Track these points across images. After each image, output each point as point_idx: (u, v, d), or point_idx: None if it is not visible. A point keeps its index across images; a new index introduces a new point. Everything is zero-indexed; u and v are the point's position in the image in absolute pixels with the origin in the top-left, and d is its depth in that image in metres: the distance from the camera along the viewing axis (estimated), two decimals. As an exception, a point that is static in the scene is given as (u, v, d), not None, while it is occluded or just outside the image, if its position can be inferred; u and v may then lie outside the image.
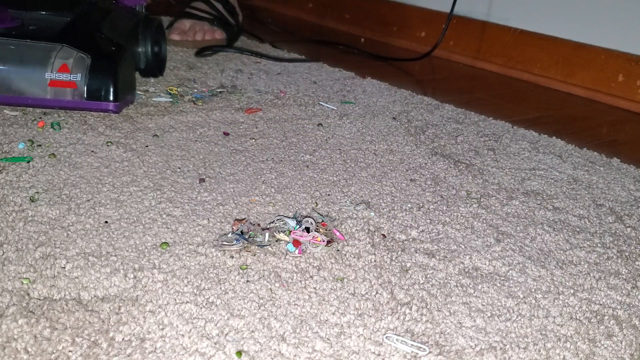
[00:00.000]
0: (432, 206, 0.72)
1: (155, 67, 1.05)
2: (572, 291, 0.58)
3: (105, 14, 0.97)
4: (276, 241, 0.60)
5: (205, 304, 0.50)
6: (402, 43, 1.60)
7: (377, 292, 0.54)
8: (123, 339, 0.46)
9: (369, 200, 0.72)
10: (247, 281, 0.54)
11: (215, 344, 0.46)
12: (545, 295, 0.57)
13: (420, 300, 0.54)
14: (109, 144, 0.79)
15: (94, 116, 0.87)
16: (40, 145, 0.76)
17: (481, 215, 0.71)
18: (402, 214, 0.69)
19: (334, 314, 0.51)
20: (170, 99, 0.96)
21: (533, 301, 0.56)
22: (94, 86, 0.84)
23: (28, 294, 0.50)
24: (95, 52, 0.85)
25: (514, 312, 0.54)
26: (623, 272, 0.62)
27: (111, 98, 0.85)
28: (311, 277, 0.56)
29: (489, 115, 1.06)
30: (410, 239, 0.64)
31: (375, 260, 0.59)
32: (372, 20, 1.67)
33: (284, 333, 0.48)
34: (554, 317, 0.54)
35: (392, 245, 0.62)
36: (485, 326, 0.51)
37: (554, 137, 0.98)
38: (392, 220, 0.67)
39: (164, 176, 0.72)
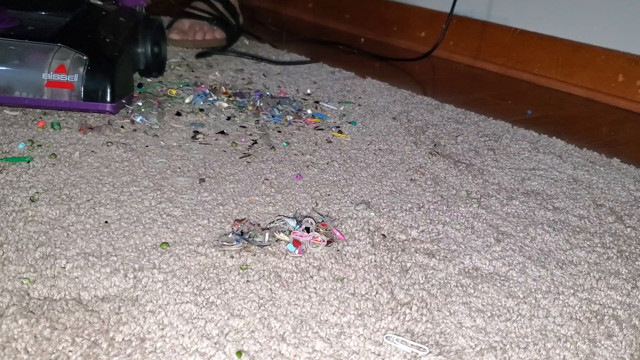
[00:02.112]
0: (432, 206, 0.72)
1: (155, 68, 1.05)
2: (572, 291, 0.58)
3: (104, 15, 0.97)
4: (276, 241, 0.60)
5: (205, 304, 0.50)
6: (402, 43, 1.60)
7: (377, 292, 0.54)
8: (123, 339, 0.46)
9: (369, 200, 0.72)
10: (247, 281, 0.54)
11: (215, 344, 0.46)
12: (545, 295, 0.57)
13: (420, 300, 0.54)
14: (109, 144, 0.79)
15: (94, 116, 0.87)
16: (40, 145, 0.76)
17: (481, 215, 0.71)
18: (402, 214, 0.69)
19: (334, 314, 0.51)
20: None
21: (533, 301, 0.56)
22: (91, 87, 0.84)
23: (28, 294, 0.50)
24: (92, 52, 0.85)
25: (514, 312, 0.54)
26: (623, 272, 0.62)
27: (108, 99, 0.85)
28: (311, 277, 0.56)
29: (489, 115, 1.06)
30: (410, 239, 0.64)
31: (375, 260, 0.59)
32: (372, 20, 1.67)
33: (284, 333, 0.48)
34: (554, 317, 0.54)
35: (392, 245, 0.62)
36: (485, 326, 0.51)
37: (554, 137, 0.98)
38: (392, 220, 0.67)
39: (164, 176, 0.72)
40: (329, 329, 0.49)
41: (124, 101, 0.89)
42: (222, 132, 0.87)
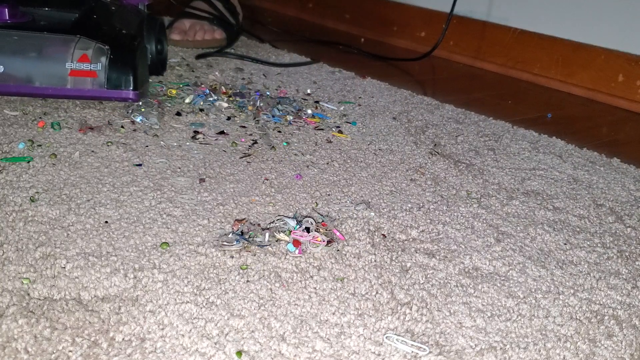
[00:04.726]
0: (432, 206, 0.72)
1: (159, 66, 1.05)
2: (572, 291, 0.58)
3: (113, 11, 0.98)
4: (276, 241, 0.60)
5: (205, 304, 0.50)
6: (402, 43, 1.60)
7: (377, 292, 0.54)
8: (123, 339, 0.46)
9: (369, 200, 0.72)
10: (247, 281, 0.54)
11: (215, 344, 0.46)
12: (545, 295, 0.57)
13: (420, 300, 0.54)
14: (109, 144, 0.79)
15: (94, 116, 0.87)
16: (40, 145, 0.76)
17: (481, 215, 0.71)
18: (402, 214, 0.69)
19: (334, 314, 0.51)
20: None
21: (533, 301, 0.56)
22: (115, 75, 0.86)
23: (28, 294, 0.50)
24: (113, 42, 0.87)
25: (514, 312, 0.54)
26: (623, 272, 0.62)
27: (131, 87, 0.87)
28: (311, 277, 0.56)
29: (489, 115, 1.06)
30: (410, 239, 0.64)
31: (375, 260, 0.59)
32: (372, 20, 1.67)
33: (284, 333, 0.48)
34: (554, 317, 0.54)
35: (392, 245, 0.62)
36: (485, 326, 0.51)
37: (554, 137, 0.98)
38: (392, 220, 0.67)
39: (164, 176, 0.72)
40: (329, 329, 0.49)
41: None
42: (222, 132, 0.87)
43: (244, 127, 0.90)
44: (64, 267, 0.53)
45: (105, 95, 0.87)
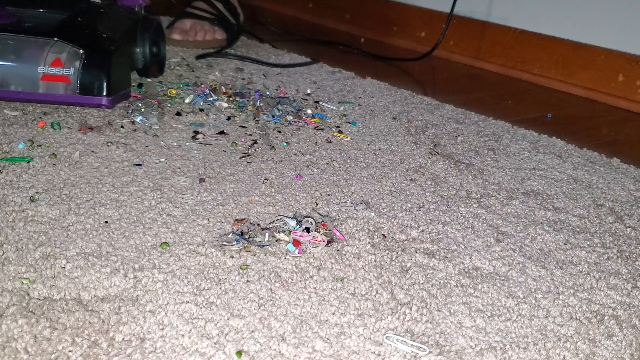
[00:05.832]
0: (432, 206, 0.72)
1: (154, 67, 1.05)
2: (572, 291, 0.58)
3: (102, 13, 0.98)
4: (276, 241, 0.60)
5: (205, 304, 0.50)
6: (402, 43, 1.60)
7: (377, 292, 0.54)
8: (123, 339, 0.46)
9: (369, 200, 0.72)
10: (247, 281, 0.54)
11: (215, 344, 0.46)
12: (545, 295, 0.57)
13: (420, 300, 0.54)
14: (109, 144, 0.79)
15: (94, 116, 0.87)
16: (40, 145, 0.76)
17: (481, 215, 0.71)
18: (402, 214, 0.69)
19: (334, 314, 0.51)
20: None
21: (533, 301, 0.56)
22: (87, 80, 0.84)
23: (28, 294, 0.50)
24: (88, 47, 0.85)
25: (514, 312, 0.54)
26: (623, 272, 0.62)
27: (104, 93, 0.85)
28: (311, 277, 0.56)
29: (489, 115, 1.06)
30: (410, 239, 0.64)
31: (375, 260, 0.59)
32: (372, 20, 1.67)
33: (284, 333, 0.48)
34: (554, 317, 0.54)
35: (392, 245, 0.62)
36: (485, 326, 0.51)
37: (554, 137, 0.98)
38: (392, 220, 0.67)
39: (164, 176, 0.72)
40: (329, 329, 0.49)
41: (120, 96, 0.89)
42: (222, 132, 0.87)
43: (244, 127, 0.90)
44: (64, 267, 0.53)
45: (77, 101, 0.85)
